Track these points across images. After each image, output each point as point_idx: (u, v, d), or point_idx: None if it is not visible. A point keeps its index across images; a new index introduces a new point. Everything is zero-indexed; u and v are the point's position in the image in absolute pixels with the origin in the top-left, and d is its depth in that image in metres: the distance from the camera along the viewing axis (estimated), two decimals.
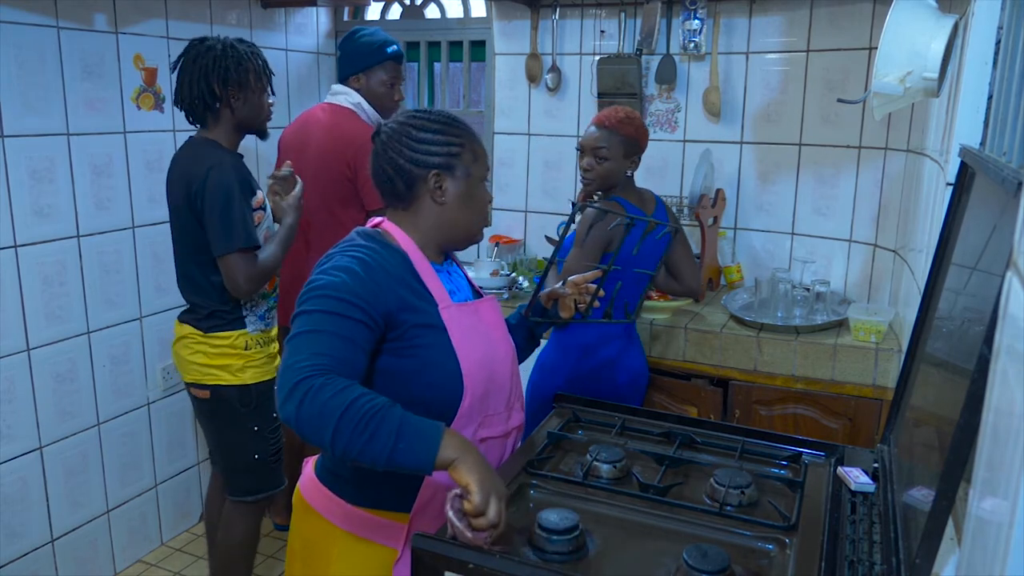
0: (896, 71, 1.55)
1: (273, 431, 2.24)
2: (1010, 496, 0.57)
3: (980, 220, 1.10)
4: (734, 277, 2.87)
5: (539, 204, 3.20)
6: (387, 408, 1.11)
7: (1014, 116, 1.03)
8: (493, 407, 1.39)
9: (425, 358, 1.31)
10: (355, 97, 2.64)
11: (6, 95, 2.24)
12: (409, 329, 1.30)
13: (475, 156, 1.40)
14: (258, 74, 2.14)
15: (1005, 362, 0.67)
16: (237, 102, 2.12)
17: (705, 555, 1.09)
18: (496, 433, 1.41)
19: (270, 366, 2.24)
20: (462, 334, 1.34)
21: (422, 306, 1.32)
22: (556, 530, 1.14)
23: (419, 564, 1.12)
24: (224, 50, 2.10)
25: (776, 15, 2.74)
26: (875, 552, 1.15)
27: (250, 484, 2.23)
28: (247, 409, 2.18)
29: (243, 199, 2.07)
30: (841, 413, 2.26)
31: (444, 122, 1.39)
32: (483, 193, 1.42)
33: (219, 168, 2.05)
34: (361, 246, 1.33)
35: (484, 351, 1.37)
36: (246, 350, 2.17)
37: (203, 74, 2.08)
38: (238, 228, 2.04)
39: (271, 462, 2.24)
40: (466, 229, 1.42)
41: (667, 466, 1.40)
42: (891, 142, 2.57)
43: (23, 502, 2.41)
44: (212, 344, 2.15)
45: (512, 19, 3.13)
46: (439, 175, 1.36)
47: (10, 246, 2.30)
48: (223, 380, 2.16)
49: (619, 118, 2.18)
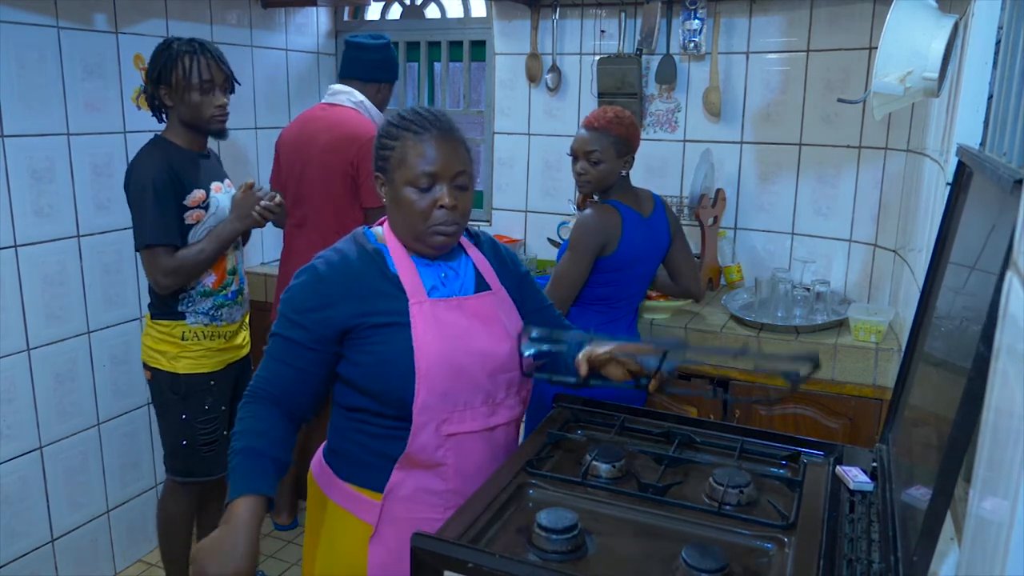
0: (896, 71, 1.55)
1: (206, 423, 2.29)
2: (1010, 496, 0.57)
3: (978, 219, 1.10)
4: (734, 277, 2.87)
5: (539, 204, 3.20)
6: (232, 451, 1.34)
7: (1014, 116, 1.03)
8: (463, 403, 1.39)
9: (381, 355, 1.36)
10: (357, 96, 2.63)
11: (6, 95, 2.25)
12: (366, 330, 1.36)
13: (403, 160, 1.36)
14: (186, 72, 2.14)
15: (1005, 362, 0.67)
16: (171, 101, 2.18)
17: (704, 554, 1.09)
18: (472, 428, 1.40)
19: (209, 360, 2.28)
20: (427, 328, 1.35)
21: (387, 304, 1.37)
22: (555, 530, 1.14)
23: (419, 563, 1.12)
24: (162, 50, 2.16)
25: (776, 15, 2.74)
26: (873, 550, 1.15)
27: (180, 467, 2.33)
28: (176, 397, 2.25)
29: (162, 197, 2.11)
30: (841, 413, 2.26)
31: (393, 123, 1.41)
32: (409, 197, 1.36)
33: (139, 166, 2.14)
34: (329, 253, 1.41)
35: (451, 346, 1.36)
36: (183, 340, 2.23)
37: (147, 74, 2.19)
38: (148, 225, 2.11)
39: (202, 451, 2.30)
40: (405, 233, 1.40)
41: (666, 466, 1.40)
42: (891, 142, 2.57)
43: (23, 502, 2.41)
44: (156, 329, 2.25)
45: (512, 19, 3.13)
46: (378, 177, 1.43)
47: (10, 246, 2.30)
48: (161, 365, 2.25)
49: (608, 118, 2.16)
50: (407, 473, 1.39)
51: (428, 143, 1.36)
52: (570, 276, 2.15)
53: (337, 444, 1.48)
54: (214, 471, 2.35)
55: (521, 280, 1.57)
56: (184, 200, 2.16)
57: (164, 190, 2.11)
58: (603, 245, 2.13)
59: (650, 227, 2.21)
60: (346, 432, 1.45)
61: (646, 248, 2.20)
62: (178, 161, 2.16)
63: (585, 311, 2.22)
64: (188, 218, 2.18)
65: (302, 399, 1.40)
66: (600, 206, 2.17)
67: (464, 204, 1.40)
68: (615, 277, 2.18)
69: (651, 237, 2.21)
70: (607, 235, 2.13)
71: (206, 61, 2.16)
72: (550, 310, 1.62)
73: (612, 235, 2.13)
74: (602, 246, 2.13)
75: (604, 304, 2.21)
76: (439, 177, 1.36)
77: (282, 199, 2.31)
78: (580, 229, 2.14)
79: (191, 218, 2.18)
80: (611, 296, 2.21)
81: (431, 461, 1.38)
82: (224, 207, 2.26)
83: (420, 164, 1.35)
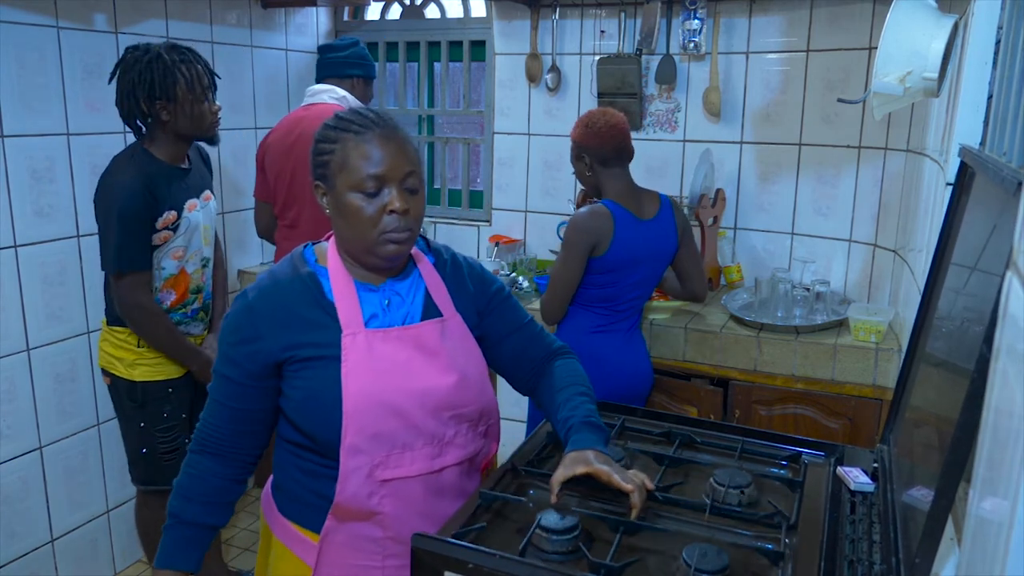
0: (896, 71, 1.55)
1: (165, 431, 2.26)
2: (1010, 496, 0.57)
3: (980, 220, 1.10)
4: (734, 277, 2.87)
5: (539, 204, 3.20)
6: (167, 511, 1.35)
7: (1014, 116, 1.03)
8: (400, 445, 1.26)
9: (308, 390, 1.26)
10: (338, 92, 2.66)
11: (6, 95, 2.24)
12: (295, 364, 1.27)
13: (344, 163, 1.23)
14: (190, 84, 2.09)
15: (1005, 362, 0.67)
16: (169, 116, 2.09)
17: (705, 555, 1.09)
18: (411, 473, 1.27)
19: (165, 367, 2.24)
20: (357, 362, 1.24)
21: (318, 336, 1.26)
22: (556, 530, 1.14)
23: (419, 564, 1.12)
24: (150, 62, 2.05)
25: (776, 15, 2.74)
26: (874, 552, 1.15)
27: (141, 474, 2.31)
28: (134, 405, 2.23)
29: (129, 223, 2.05)
30: (841, 413, 2.26)
31: (330, 124, 1.28)
32: (355, 204, 1.23)
33: (111, 186, 2.07)
34: (263, 276, 1.33)
35: (383, 383, 1.24)
36: (138, 347, 2.21)
37: (131, 89, 2.07)
38: (110, 253, 2.08)
39: (163, 460, 2.27)
40: (353, 245, 1.27)
41: (667, 466, 1.40)
42: (891, 142, 2.57)
43: (23, 502, 2.41)
44: (113, 335, 2.22)
45: (512, 19, 3.13)
46: (318, 186, 1.29)
47: (10, 246, 2.30)
48: (118, 371, 2.22)
49: (574, 124, 2.24)
50: (340, 522, 1.28)
51: (371, 143, 1.23)
52: (562, 276, 2.17)
53: (279, 478, 1.39)
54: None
55: (491, 299, 1.43)
56: (156, 221, 2.10)
57: (135, 212, 2.04)
58: (593, 245, 2.14)
59: (650, 229, 2.20)
60: (286, 467, 1.36)
61: (644, 250, 2.19)
62: (156, 178, 2.09)
63: (587, 312, 2.22)
64: (156, 239, 2.12)
65: (244, 439, 1.32)
66: (593, 206, 2.19)
67: (416, 208, 1.26)
68: (612, 278, 2.18)
69: (651, 239, 2.20)
70: (597, 235, 2.13)
71: (200, 68, 2.13)
72: (529, 328, 1.47)
73: (603, 235, 2.14)
74: (592, 246, 2.14)
75: (605, 306, 2.21)
76: (387, 179, 1.23)
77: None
78: (570, 229, 2.17)
79: (158, 239, 2.13)
80: (612, 297, 2.20)
81: (364, 510, 1.27)
82: (196, 224, 2.21)
83: (365, 166, 1.22)
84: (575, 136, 2.23)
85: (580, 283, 2.18)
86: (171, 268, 2.19)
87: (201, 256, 2.27)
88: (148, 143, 2.15)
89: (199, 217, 2.23)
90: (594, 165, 2.20)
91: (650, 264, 2.23)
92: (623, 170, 2.22)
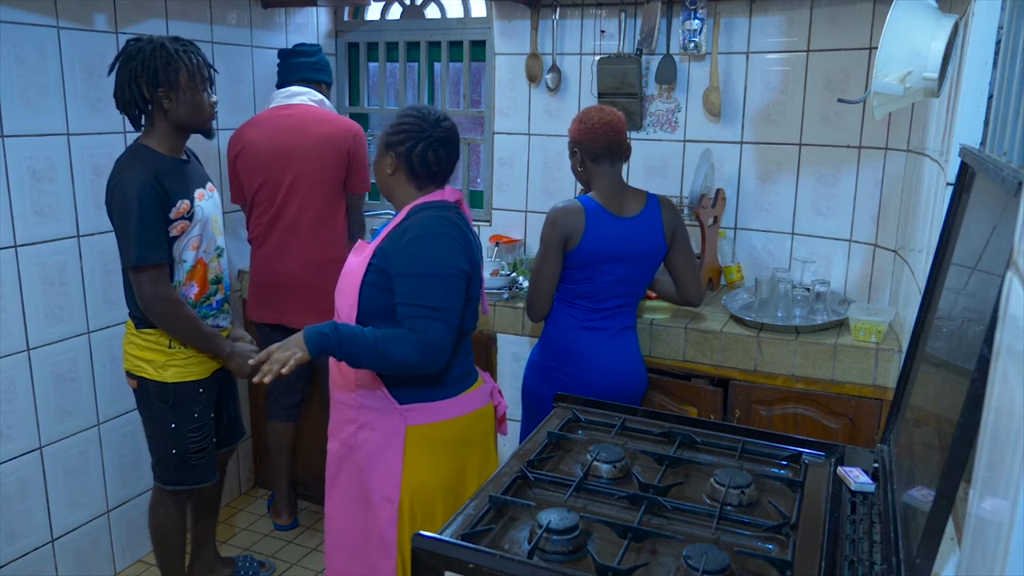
0: (896, 71, 1.55)
1: (195, 430, 2.25)
2: (1010, 496, 0.57)
3: (980, 220, 1.10)
4: (734, 277, 2.87)
5: (539, 204, 3.20)
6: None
7: (1014, 116, 1.03)
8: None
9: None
10: (316, 95, 2.78)
11: (6, 95, 2.24)
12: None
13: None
14: (191, 73, 2.11)
15: (1005, 362, 0.67)
16: (170, 103, 2.10)
17: (705, 555, 1.09)
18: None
19: (197, 367, 2.24)
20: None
21: None
22: (556, 530, 1.14)
23: (419, 563, 1.12)
24: (153, 51, 2.07)
25: (776, 15, 2.74)
26: (875, 552, 1.15)
27: (169, 475, 2.29)
28: (165, 406, 2.22)
29: (146, 216, 2.05)
30: (841, 413, 2.26)
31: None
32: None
33: (122, 184, 2.07)
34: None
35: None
36: (170, 348, 2.20)
37: (133, 77, 2.08)
38: (132, 247, 2.06)
39: (192, 459, 2.27)
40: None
41: (667, 466, 1.40)
42: (891, 142, 2.57)
43: (23, 502, 2.41)
44: (142, 338, 2.20)
45: (512, 19, 3.13)
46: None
47: (10, 246, 2.30)
48: (147, 374, 2.21)
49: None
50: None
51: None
52: (540, 269, 2.21)
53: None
54: (204, 479, 2.32)
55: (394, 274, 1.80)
56: (170, 212, 2.11)
57: (150, 205, 2.05)
58: (566, 238, 2.17)
59: (628, 227, 2.20)
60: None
61: (621, 247, 2.18)
62: (163, 171, 2.10)
63: (570, 308, 2.24)
64: (173, 230, 2.13)
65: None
66: (568, 202, 2.22)
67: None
68: (588, 273, 2.19)
69: (628, 237, 2.19)
70: (567, 228, 2.16)
71: (201, 59, 2.15)
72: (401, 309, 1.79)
73: (573, 229, 2.16)
74: (564, 239, 2.17)
75: (586, 303, 2.22)
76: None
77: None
78: (544, 223, 2.22)
79: (176, 230, 2.13)
80: (591, 294, 2.21)
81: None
82: (208, 213, 2.23)
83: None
84: (570, 131, 2.26)
85: (560, 278, 2.20)
86: (191, 260, 2.20)
87: (215, 245, 2.29)
88: (147, 138, 2.16)
89: (209, 206, 2.24)
90: (585, 161, 2.23)
91: (631, 263, 2.21)
92: (612, 167, 2.22)
